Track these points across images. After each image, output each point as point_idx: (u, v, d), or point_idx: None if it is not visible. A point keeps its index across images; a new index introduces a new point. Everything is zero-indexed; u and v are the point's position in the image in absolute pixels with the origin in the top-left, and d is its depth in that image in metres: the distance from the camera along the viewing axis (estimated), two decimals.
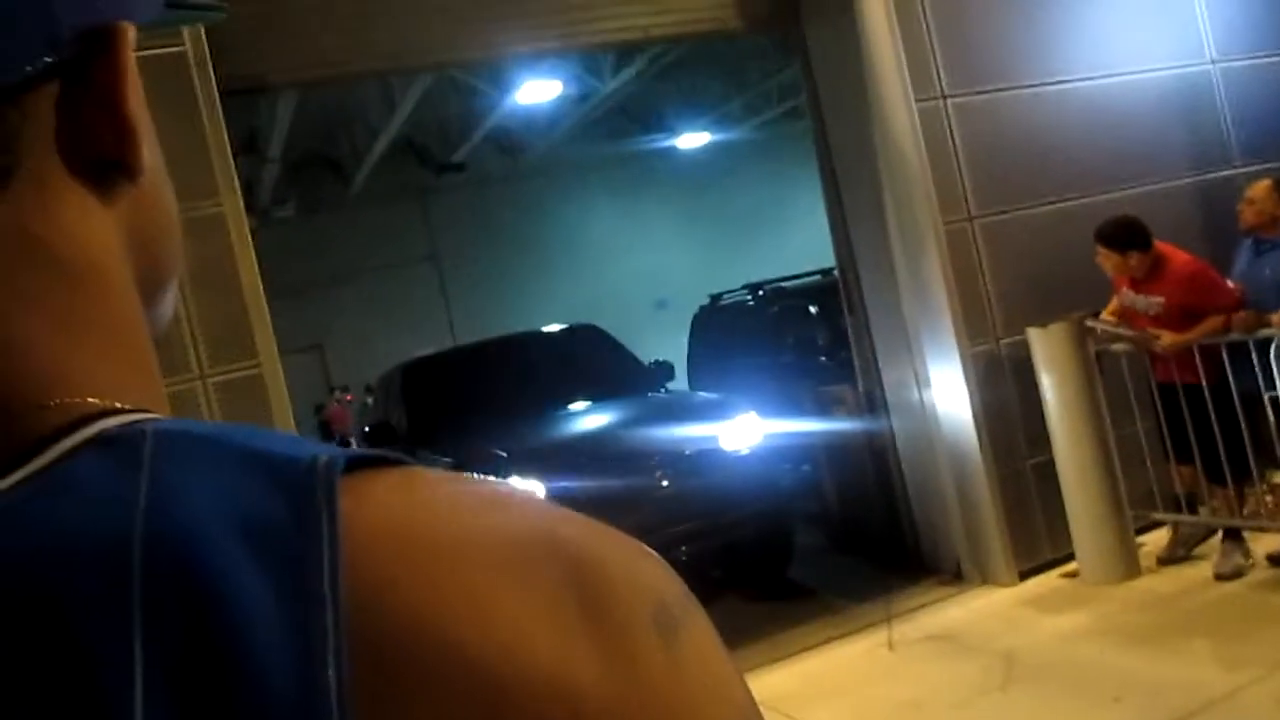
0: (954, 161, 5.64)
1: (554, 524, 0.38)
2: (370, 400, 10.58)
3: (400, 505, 0.37)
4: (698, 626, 0.38)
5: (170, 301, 0.51)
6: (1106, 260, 5.03)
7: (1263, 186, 5.03)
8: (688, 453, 5.73)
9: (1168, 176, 6.07)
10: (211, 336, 4.04)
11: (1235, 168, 6.21)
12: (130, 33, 0.43)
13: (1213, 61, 6.41)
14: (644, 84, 13.52)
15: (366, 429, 7.43)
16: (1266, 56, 6.53)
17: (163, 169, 0.48)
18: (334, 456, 0.36)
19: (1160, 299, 4.93)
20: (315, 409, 15.11)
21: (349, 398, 15.01)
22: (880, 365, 5.97)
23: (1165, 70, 6.25)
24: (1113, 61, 6.09)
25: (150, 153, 0.45)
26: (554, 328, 8.48)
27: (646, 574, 0.38)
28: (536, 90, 12.32)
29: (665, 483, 5.57)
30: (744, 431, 5.89)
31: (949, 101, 5.67)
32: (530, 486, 4.88)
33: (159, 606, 0.32)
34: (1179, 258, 4.98)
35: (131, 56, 0.43)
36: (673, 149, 17.21)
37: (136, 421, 0.38)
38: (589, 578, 0.36)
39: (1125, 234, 4.96)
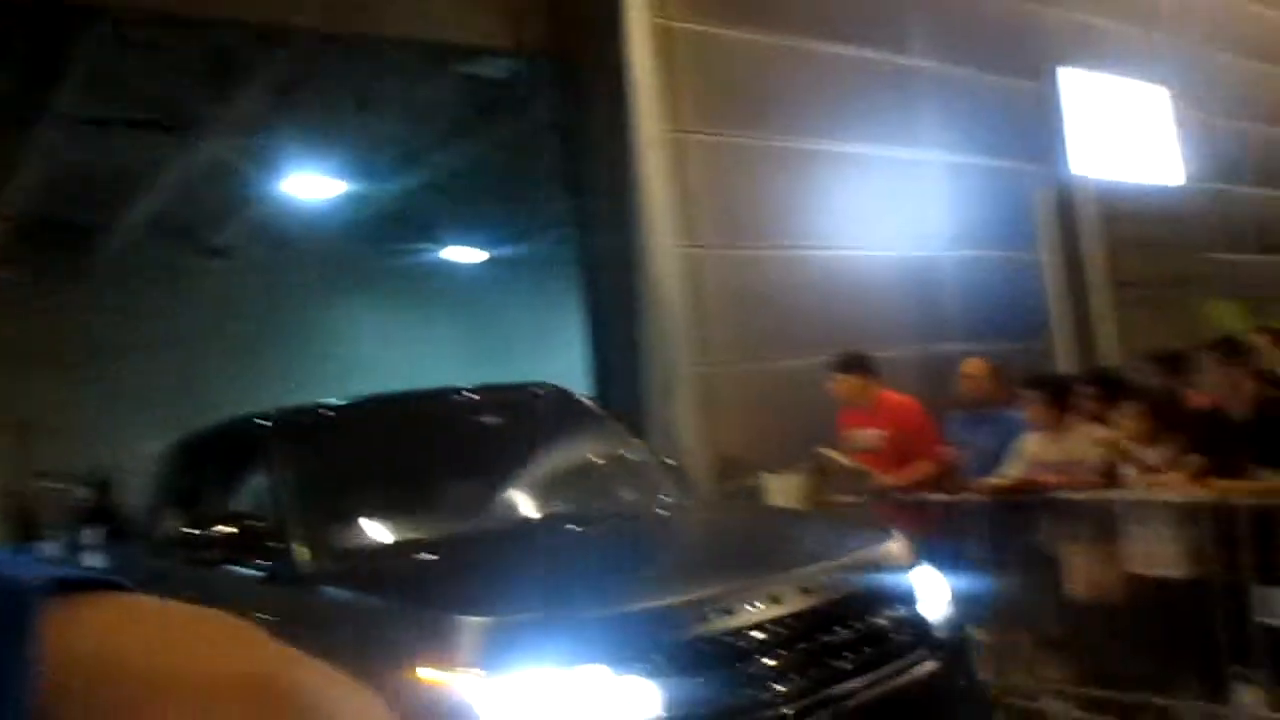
0: (709, 310, 5.90)
1: (277, 666, 0.36)
2: (156, 480, 5.69)
3: (108, 632, 0.34)
4: None
5: None
6: (838, 385, 5.39)
7: (980, 364, 5.53)
8: (877, 655, 3.18)
9: (896, 345, 6.57)
10: None
11: (955, 344, 6.82)
12: None
13: (943, 249, 7.09)
14: (421, 193, 13.54)
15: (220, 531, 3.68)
16: (989, 251, 7.29)
17: None
18: (45, 579, 0.34)
19: (880, 432, 5.31)
20: (7, 494, 13.56)
21: (58, 485, 13.66)
22: None
23: (902, 252, 6.86)
24: (858, 237, 6.63)
25: None
26: (501, 386, 5.10)
27: (366, 716, 0.37)
28: (311, 184, 12.10)
29: None
30: (932, 594, 3.53)
31: (711, 252, 5.96)
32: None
33: None
34: (897, 396, 5.51)
35: None
36: (446, 261, 17.25)
37: None
38: None
39: (853, 360, 5.45)
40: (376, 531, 3.77)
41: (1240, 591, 4.05)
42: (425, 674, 2.72)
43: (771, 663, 2.90)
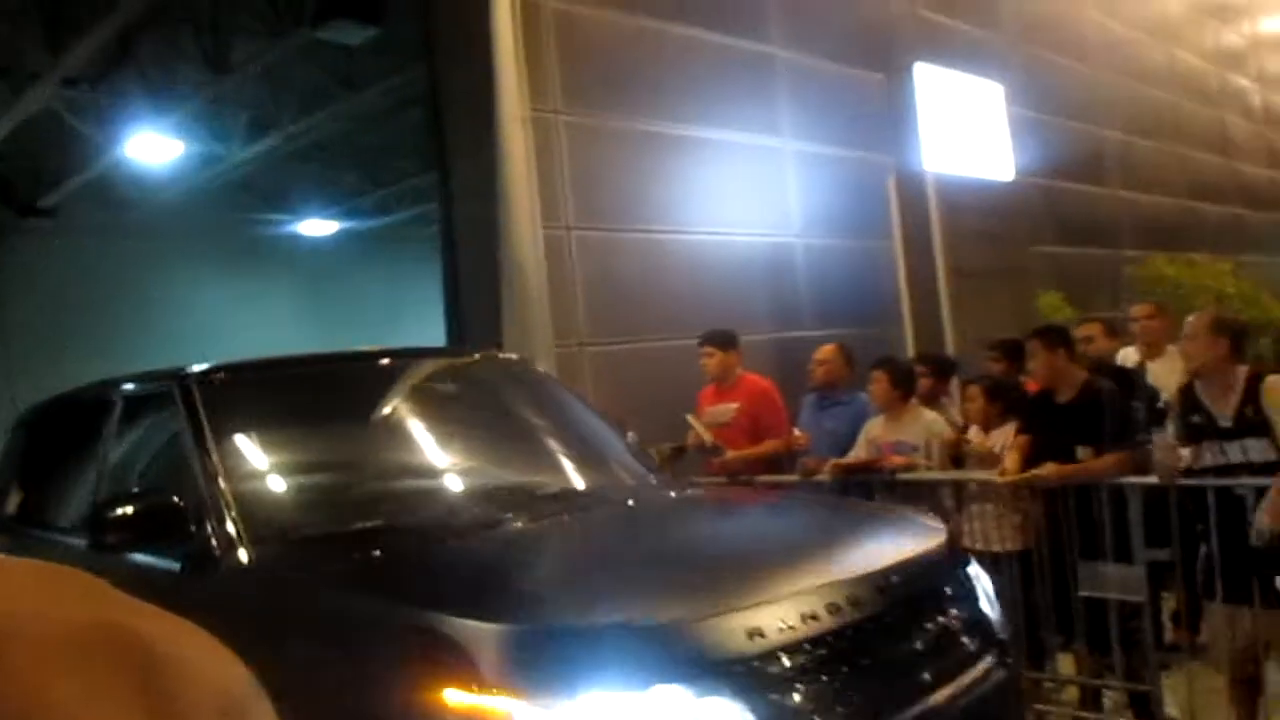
0: (569, 290, 5.93)
1: (120, 615, 0.36)
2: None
3: None
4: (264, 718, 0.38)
5: None
6: (710, 359, 5.57)
7: (832, 349, 5.73)
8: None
9: (751, 330, 6.75)
10: None
11: (806, 330, 7.05)
12: None
13: (797, 236, 7.30)
14: (274, 162, 13.05)
15: (127, 510, 2.89)
16: (841, 239, 7.55)
17: None
18: None
19: (735, 405, 5.50)
20: None
21: None
22: None
23: (758, 236, 7.04)
24: (715, 221, 6.77)
25: None
26: (450, 350, 4.80)
27: (214, 668, 0.37)
28: (153, 145, 11.47)
29: None
30: (987, 591, 3.21)
31: (573, 233, 5.98)
32: None
33: None
34: (756, 376, 5.72)
35: None
36: (297, 233, 16.70)
37: None
38: (154, 671, 0.34)
39: (727, 336, 5.66)
40: (330, 514, 3.14)
41: (1064, 566, 4.36)
42: (453, 698, 2.14)
43: (858, 675, 2.51)
